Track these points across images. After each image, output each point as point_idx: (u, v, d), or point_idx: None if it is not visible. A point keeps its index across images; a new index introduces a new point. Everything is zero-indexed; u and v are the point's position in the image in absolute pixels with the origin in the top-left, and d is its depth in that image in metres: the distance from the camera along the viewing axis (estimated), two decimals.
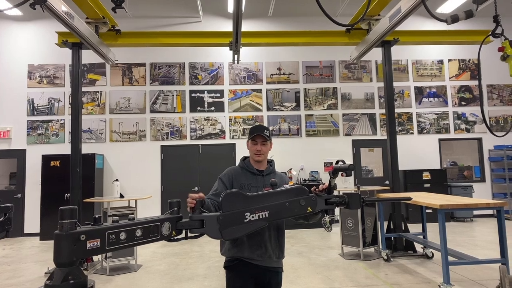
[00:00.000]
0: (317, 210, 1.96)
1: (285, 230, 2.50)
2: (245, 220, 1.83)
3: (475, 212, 9.69)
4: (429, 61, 10.53)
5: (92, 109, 9.66)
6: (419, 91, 10.42)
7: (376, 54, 9.28)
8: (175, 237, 1.79)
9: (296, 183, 9.26)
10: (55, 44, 6.94)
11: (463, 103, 10.47)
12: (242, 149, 9.78)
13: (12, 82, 9.57)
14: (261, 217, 1.85)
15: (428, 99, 10.42)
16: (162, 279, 5.29)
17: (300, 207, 1.92)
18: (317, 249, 6.88)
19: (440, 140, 10.35)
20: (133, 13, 9.70)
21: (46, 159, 8.74)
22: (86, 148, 8.93)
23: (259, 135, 2.42)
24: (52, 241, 1.37)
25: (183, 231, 1.83)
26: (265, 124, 9.91)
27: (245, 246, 2.26)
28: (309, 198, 1.95)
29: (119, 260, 5.70)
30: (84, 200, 6.31)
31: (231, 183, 2.37)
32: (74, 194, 6.24)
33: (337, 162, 2.03)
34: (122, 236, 1.53)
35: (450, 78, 10.54)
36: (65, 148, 9.15)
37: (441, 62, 10.56)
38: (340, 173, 1.99)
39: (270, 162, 2.54)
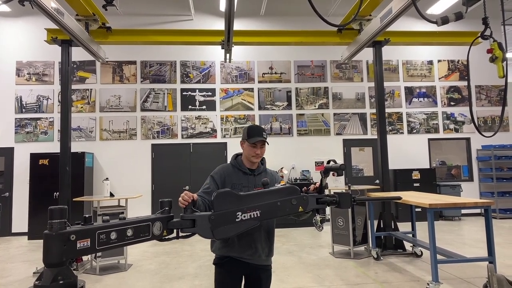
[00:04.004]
0: (309, 209, 1.97)
1: (276, 229, 2.51)
2: (237, 220, 1.83)
3: (463, 211, 9.83)
4: (419, 61, 10.65)
5: (82, 107, 9.55)
6: (409, 91, 10.52)
7: (367, 54, 9.33)
8: (166, 237, 1.79)
9: (288, 182, 9.28)
10: (44, 41, 6.85)
11: (452, 103, 10.61)
12: (233, 148, 9.75)
13: (0, 79, 9.40)
14: (252, 216, 1.86)
15: (418, 99, 10.53)
16: (153, 278, 5.26)
17: (291, 206, 1.93)
18: (308, 247, 6.91)
19: (429, 139, 10.48)
20: (124, 10, 9.61)
21: (35, 157, 8.61)
22: (76, 146, 8.84)
23: (260, 140, 2.36)
24: (41, 241, 1.35)
25: (174, 231, 1.82)
26: (257, 123, 9.92)
27: (235, 246, 2.27)
28: (300, 198, 1.96)
29: (108, 259, 5.65)
30: (74, 199, 6.25)
31: (222, 182, 2.35)
32: (63, 193, 6.17)
33: (328, 162, 2.04)
34: (113, 236, 1.52)
35: (439, 78, 10.67)
36: (54, 147, 9.04)
37: (430, 62, 10.67)
38: (331, 172, 2.00)
39: (261, 161, 2.53)
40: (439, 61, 10.70)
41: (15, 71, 9.48)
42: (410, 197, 5.17)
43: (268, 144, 2.44)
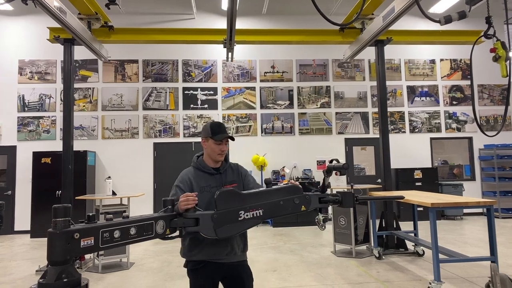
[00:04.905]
0: (311, 209, 1.98)
1: (277, 228, 2.51)
2: (240, 219, 1.84)
3: (465, 210, 9.81)
4: (421, 60, 10.62)
5: (84, 106, 9.57)
6: (411, 90, 10.50)
7: (369, 53, 9.32)
8: (169, 235, 1.79)
9: (289, 181, 9.29)
10: (47, 39, 6.86)
11: (454, 102, 10.58)
12: (235, 147, 9.77)
13: (2, 77, 9.43)
14: (255, 215, 1.87)
15: (420, 98, 10.51)
16: (155, 276, 5.27)
17: (294, 205, 1.94)
18: (310, 246, 6.91)
19: (431, 139, 10.46)
20: (126, 9, 9.62)
21: (37, 156, 8.64)
22: (78, 145, 8.84)
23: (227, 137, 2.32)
24: (43, 239, 1.37)
25: (177, 229, 1.83)
26: (258, 122, 9.93)
27: (210, 247, 2.17)
28: (303, 197, 1.96)
29: (111, 257, 5.67)
30: (76, 198, 6.26)
31: (190, 189, 2.21)
32: (66, 191, 6.19)
33: (331, 161, 2.05)
34: (116, 234, 1.53)
35: (442, 77, 10.64)
36: (56, 145, 9.06)
37: (433, 61, 10.65)
38: (334, 172, 2.01)
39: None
40: (441, 60, 10.67)
41: (18, 69, 9.51)
42: (412, 196, 5.17)
43: (233, 140, 2.39)
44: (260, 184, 2.48)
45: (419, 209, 7.15)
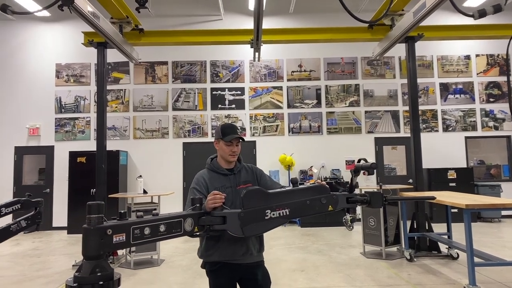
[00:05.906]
0: (339, 209, 1.96)
1: (305, 228, 2.50)
2: (266, 217, 1.85)
3: (504, 213, 9.37)
4: (455, 56, 10.23)
5: (116, 107, 9.89)
6: (445, 88, 10.14)
7: (399, 50, 9.09)
8: (198, 233, 1.83)
9: (316, 181, 9.21)
10: (81, 43, 7.13)
11: (491, 99, 10.13)
12: (263, 147, 9.80)
13: (41, 80, 9.91)
14: (281, 214, 1.87)
15: (454, 96, 10.13)
16: (184, 273, 5.38)
17: (321, 205, 1.93)
18: (338, 247, 6.83)
19: (466, 138, 10.06)
20: (155, 12, 9.85)
21: (73, 155, 9.03)
22: (111, 145, 9.14)
23: (236, 137, 2.36)
24: (79, 235, 1.42)
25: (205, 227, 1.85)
26: (286, 121, 9.90)
27: (226, 247, 2.21)
28: (330, 196, 1.95)
29: (142, 254, 5.84)
30: (109, 196, 6.48)
31: (206, 190, 2.29)
32: (99, 189, 6.41)
33: (359, 161, 2.02)
34: (147, 231, 1.57)
35: (477, 74, 10.21)
36: (90, 145, 9.42)
37: (468, 57, 10.24)
38: (362, 171, 1.98)
39: (237, 158, 2.48)
40: (477, 55, 10.24)
41: (55, 73, 9.95)
42: (445, 197, 5.00)
43: (244, 140, 2.41)
44: (278, 182, 2.51)
45: (453, 210, 6.90)
